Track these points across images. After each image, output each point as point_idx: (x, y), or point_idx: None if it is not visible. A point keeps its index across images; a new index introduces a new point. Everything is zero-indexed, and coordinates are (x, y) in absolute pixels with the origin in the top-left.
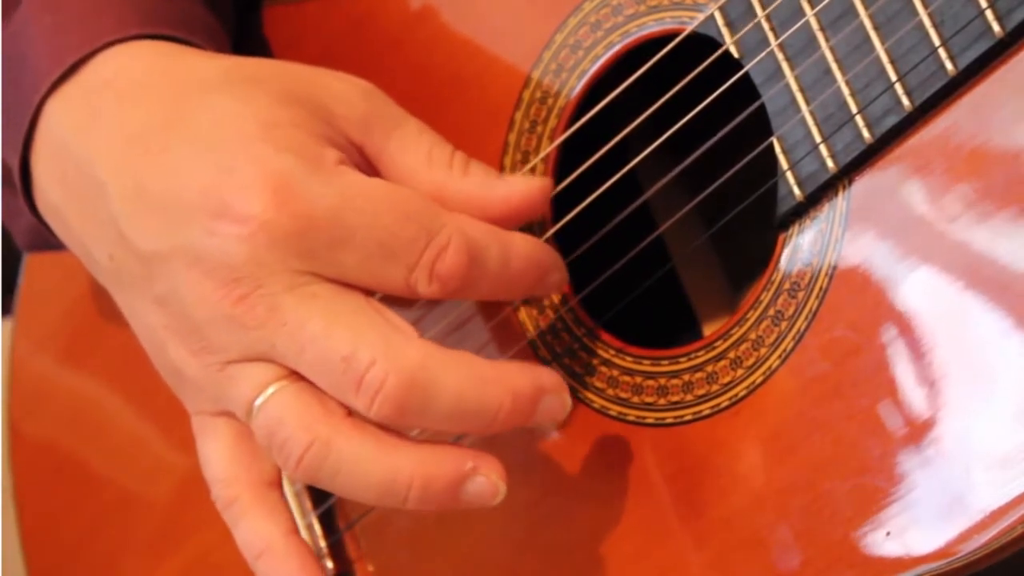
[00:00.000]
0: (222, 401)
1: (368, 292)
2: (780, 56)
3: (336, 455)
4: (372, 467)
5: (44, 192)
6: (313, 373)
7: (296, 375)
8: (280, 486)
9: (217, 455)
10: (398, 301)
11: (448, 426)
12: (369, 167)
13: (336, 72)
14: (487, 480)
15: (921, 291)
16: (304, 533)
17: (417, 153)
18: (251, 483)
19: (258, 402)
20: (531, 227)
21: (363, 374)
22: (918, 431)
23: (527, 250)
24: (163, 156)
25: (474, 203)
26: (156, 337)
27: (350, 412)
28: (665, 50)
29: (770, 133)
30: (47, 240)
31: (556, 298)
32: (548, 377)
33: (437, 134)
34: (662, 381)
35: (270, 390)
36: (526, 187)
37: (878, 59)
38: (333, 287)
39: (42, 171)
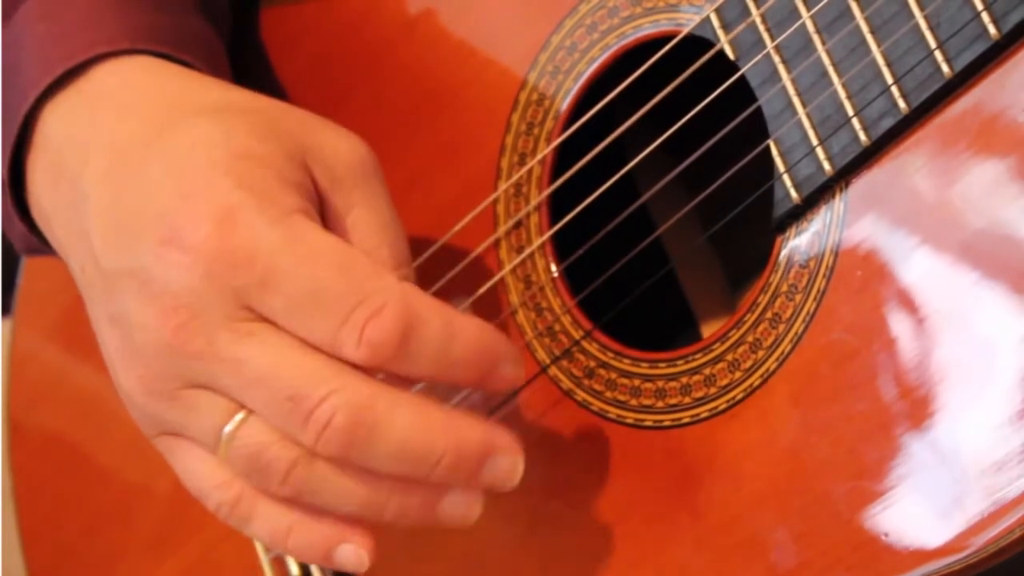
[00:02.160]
0: (176, 427)
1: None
2: (776, 58)
3: (321, 470)
4: (353, 482)
5: (37, 199)
6: (259, 409)
7: None
8: None
9: (198, 465)
10: None
11: (389, 467)
12: (334, 225)
13: (337, 127)
14: (462, 500)
15: (918, 292)
16: None
17: (370, 237)
18: (240, 481)
19: (228, 429)
20: (529, 227)
21: (311, 410)
22: (916, 433)
23: (474, 334)
24: (137, 172)
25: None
26: (109, 358)
27: None
28: (661, 52)
29: (768, 135)
30: (39, 246)
31: (555, 300)
32: (502, 437)
33: (401, 233)
34: (660, 384)
35: (238, 417)
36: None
37: (875, 61)
38: (270, 325)
39: (37, 178)
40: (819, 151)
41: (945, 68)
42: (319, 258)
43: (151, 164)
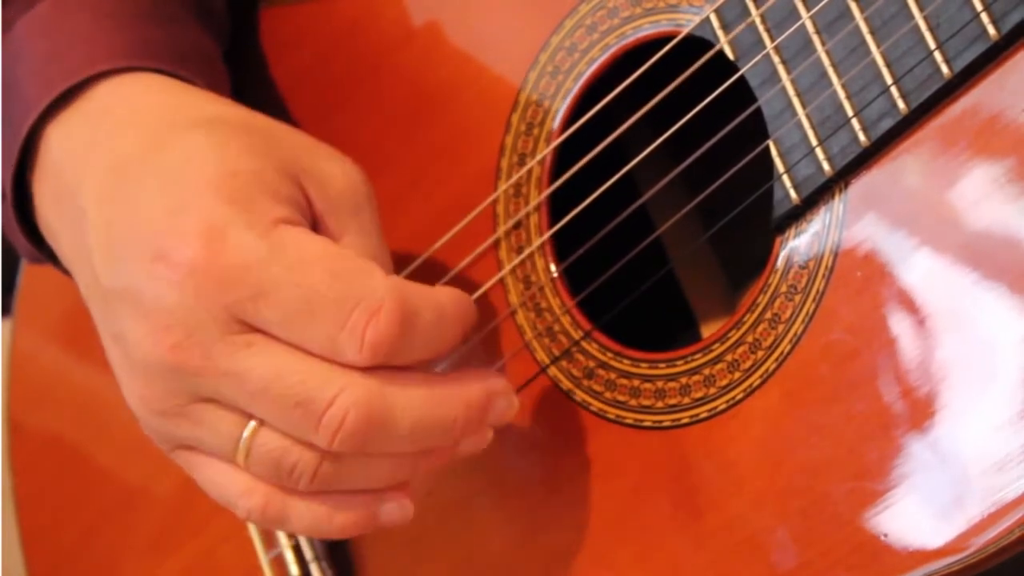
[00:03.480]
0: (191, 442)
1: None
2: (776, 59)
3: (348, 461)
4: (378, 460)
5: (44, 215)
6: (269, 419)
7: None
8: None
9: (220, 477)
10: None
11: (408, 447)
12: None
13: (334, 151)
14: (478, 437)
15: (918, 292)
16: (303, 539)
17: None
18: (264, 480)
19: (245, 436)
20: (529, 227)
21: (321, 415)
22: (916, 434)
23: (455, 309)
24: (132, 189)
25: None
26: (116, 374)
27: None
28: (661, 52)
29: (767, 135)
30: (44, 260)
31: (554, 300)
32: (495, 381)
33: (388, 262)
34: (660, 384)
35: (252, 424)
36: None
37: (874, 62)
38: (265, 335)
39: (42, 194)
40: (819, 152)
41: (945, 69)
42: (309, 266)
43: (144, 180)
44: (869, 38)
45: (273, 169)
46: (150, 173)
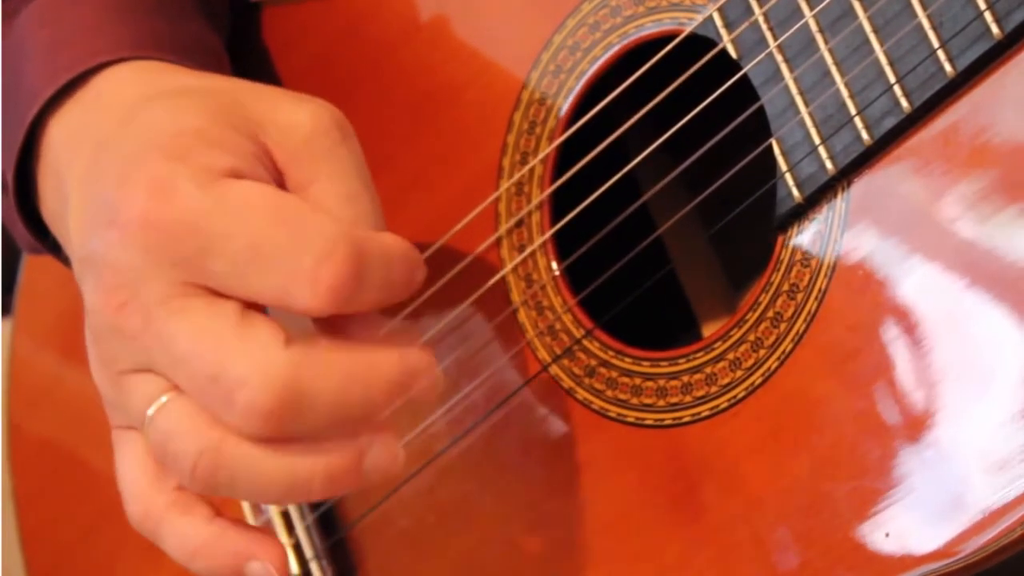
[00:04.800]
0: (125, 415)
1: (251, 304)
2: (779, 57)
3: (230, 462)
4: (269, 468)
5: (47, 205)
6: (188, 390)
7: None
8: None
9: (129, 470)
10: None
11: (332, 428)
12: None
13: (301, 97)
14: (384, 449)
15: (920, 292)
16: (303, 537)
17: (335, 211)
18: (162, 490)
19: (149, 413)
20: (531, 226)
21: (232, 392)
22: (917, 433)
23: (402, 249)
24: (98, 166)
25: None
26: (87, 352)
27: None
28: (664, 51)
29: (770, 134)
30: (43, 250)
31: (556, 299)
32: (417, 357)
33: (373, 203)
34: (661, 382)
35: (160, 400)
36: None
37: (877, 61)
38: (207, 299)
39: (45, 186)
40: (821, 150)
41: (948, 67)
42: (254, 213)
43: (108, 155)
44: (872, 37)
45: (224, 125)
46: (113, 147)
